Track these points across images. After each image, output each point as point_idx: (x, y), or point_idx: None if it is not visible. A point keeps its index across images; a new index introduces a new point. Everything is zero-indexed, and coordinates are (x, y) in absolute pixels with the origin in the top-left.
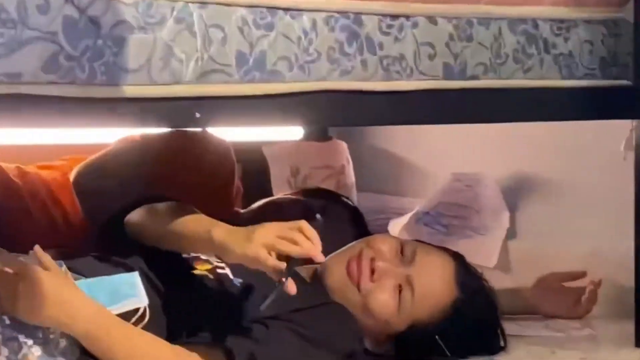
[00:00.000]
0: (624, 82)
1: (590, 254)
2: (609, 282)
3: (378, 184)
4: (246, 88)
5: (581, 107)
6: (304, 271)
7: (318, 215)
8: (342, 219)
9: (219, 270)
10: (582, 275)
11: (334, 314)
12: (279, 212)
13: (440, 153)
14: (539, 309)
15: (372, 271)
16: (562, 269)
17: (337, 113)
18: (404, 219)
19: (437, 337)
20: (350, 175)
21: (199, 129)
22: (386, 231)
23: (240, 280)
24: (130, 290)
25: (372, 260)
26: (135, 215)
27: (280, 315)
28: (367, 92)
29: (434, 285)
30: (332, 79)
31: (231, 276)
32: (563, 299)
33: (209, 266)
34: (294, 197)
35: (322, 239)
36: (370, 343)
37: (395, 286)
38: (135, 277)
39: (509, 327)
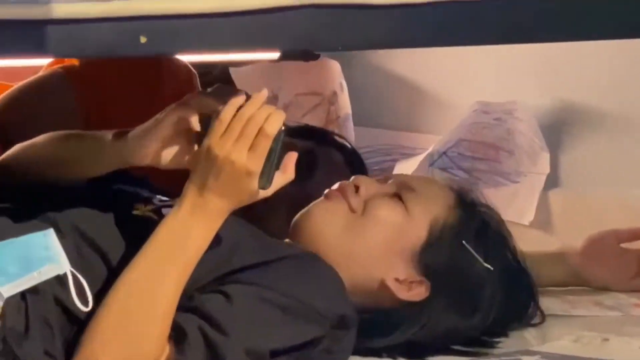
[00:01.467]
0: None
1: None
2: None
3: (381, 117)
4: (206, 3)
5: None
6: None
7: None
8: (335, 167)
9: (165, 210)
10: None
11: (310, 270)
12: None
13: (461, 76)
14: (589, 278)
15: (357, 189)
16: (619, 225)
17: (326, 34)
18: (414, 162)
19: (463, 242)
20: (345, 105)
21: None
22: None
23: None
24: (45, 253)
25: (352, 182)
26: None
27: (242, 278)
28: (365, 6)
29: (432, 187)
30: None
31: None
32: (620, 264)
33: (152, 206)
34: None
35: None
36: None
37: (392, 194)
38: (49, 237)
39: (551, 304)
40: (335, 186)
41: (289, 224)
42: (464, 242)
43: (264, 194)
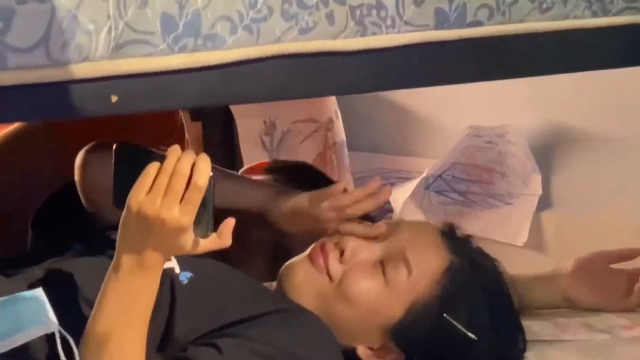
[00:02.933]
0: None
1: None
2: None
3: (375, 141)
4: (176, 60)
5: (621, 51)
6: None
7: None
8: None
9: None
10: (635, 254)
11: (299, 324)
12: None
13: (454, 100)
14: (580, 300)
15: (342, 253)
16: (610, 246)
17: (297, 84)
18: (410, 186)
19: (445, 315)
20: (340, 132)
21: None
22: (387, 202)
23: (189, 275)
24: (35, 312)
25: (338, 243)
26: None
27: (232, 332)
28: (337, 53)
29: (422, 250)
30: (288, 41)
31: (177, 270)
32: (610, 285)
33: None
34: (264, 179)
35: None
36: (366, 352)
37: (375, 262)
38: (38, 296)
39: (541, 329)
40: (320, 242)
41: (271, 267)
42: (445, 315)
43: (204, 243)
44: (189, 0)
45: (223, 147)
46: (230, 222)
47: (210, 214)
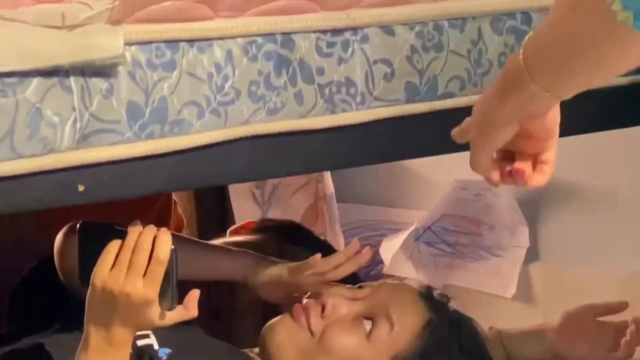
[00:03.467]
0: None
1: (632, 280)
2: None
3: (364, 193)
4: (143, 147)
5: (600, 114)
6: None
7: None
8: None
9: (140, 342)
10: (622, 307)
11: None
12: None
13: (441, 155)
14: (567, 354)
15: (323, 308)
16: (597, 298)
17: (268, 164)
18: (400, 238)
19: None
20: (329, 185)
21: None
22: (377, 253)
23: (168, 351)
24: None
25: (319, 299)
26: None
27: None
28: (306, 132)
29: (403, 307)
30: (256, 122)
31: (156, 346)
32: (597, 339)
33: None
34: (252, 240)
35: None
36: None
37: (356, 317)
38: None
39: None
40: (304, 301)
41: (257, 330)
42: None
43: (170, 315)
44: (155, 87)
45: (215, 202)
46: (194, 294)
47: (174, 286)
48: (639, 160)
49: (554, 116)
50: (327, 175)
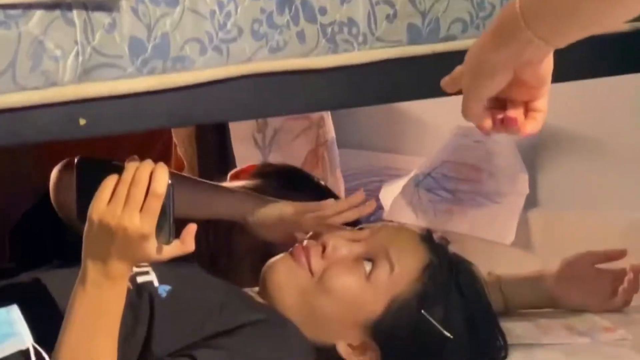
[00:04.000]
0: None
1: (630, 228)
2: None
3: (366, 139)
4: (144, 82)
5: (602, 61)
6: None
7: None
8: None
9: (140, 279)
10: (620, 255)
11: (277, 336)
12: None
13: (443, 100)
14: (565, 301)
15: (323, 249)
16: (597, 245)
17: (269, 102)
18: (400, 184)
19: (423, 312)
20: (330, 130)
21: None
22: (377, 199)
23: (168, 288)
24: (8, 328)
25: (320, 240)
26: None
27: (210, 344)
28: (308, 71)
29: (403, 248)
30: (258, 60)
31: (156, 283)
32: (596, 286)
33: None
34: (252, 185)
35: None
36: (346, 349)
37: (356, 258)
38: (12, 312)
39: (524, 331)
40: (304, 242)
41: (254, 274)
42: (423, 311)
43: (167, 250)
44: (158, 23)
45: (216, 146)
46: (192, 228)
47: (171, 221)
48: None
49: (548, 64)
50: (329, 120)
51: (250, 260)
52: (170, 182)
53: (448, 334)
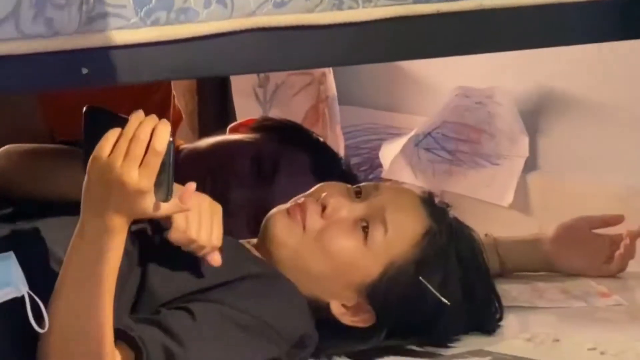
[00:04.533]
0: None
1: (629, 193)
2: None
3: (366, 96)
4: (147, 33)
5: (611, 24)
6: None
7: None
8: (300, 172)
9: (135, 226)
10: (618, 220)
11: (273, 291)
12: (226, 162)
13: (445, 60)
14: (561, 265)
15: (323, 209)
16: (594, 210)
17: (272, 57)
18: (400, 142)
19: (420, 277)
20: (332, 87)
21: None
22: (377, 157)
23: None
24: (4, 276)
25: (320, 199)
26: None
27: (206, 297)
28: (312, 27)
29: (401, 211)
30: (262, 14)
31: (149, 231)
32: (592, 251)
33: None
34: (250, 139)
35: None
36: (340, 309)
37: (355, 220)
38: (8, 260)
39: (520, 293)
40: (302, 198)
41: (249, 228)
42: (421, 278)
43: (165, 207)
44: None
45: (217, 99)
46: (191, 187)
47: (170, 178)
48: None
49: None
50: (330, 77)
51: (247, 212)
52: (171, 139)
53: (445, 301)
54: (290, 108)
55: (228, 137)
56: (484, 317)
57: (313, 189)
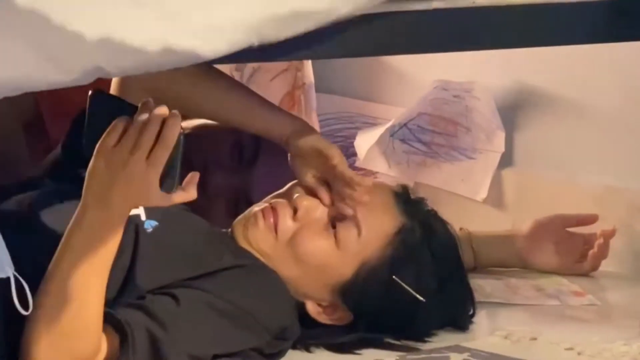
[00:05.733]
0: None
1: (604, 193)
2: (623, 230)
3: (344, 85)
4: None
5: (591, 27)
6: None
7: None
8: (279, 160)
9: None
10: (592, 220)
11: (259, 282)
12: (206, 147)
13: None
14: (535, 261)
15: (295, 211)
16: (568, 208)
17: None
18: (376, 132)
19: (394, 276)
20: (309, 74)
21: None
22: (351, 146)
23: (155, 224)
24: None
25: (292, 201)
26: None
27: (191, 284)
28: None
29: (374, 211)
30: None
31: (143, 217)
32: (566, 249)
33: None
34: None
35: (251, 186)
36: (316, 308)
37: (327, 222)
38: None
39: (494, 290)
40: (273, 198)
41: (229, 214)
42: (394, 277)
43: (170, 197)
44: None
45: None
46: (195, 176)
47: (178, 170)
48: (623, 75)
49: None
50: (308, 64)
51: (226, 199)
52: (182, 130)
53: (420, 298)
54: (266, 93)
55: (208, 122)
56: (458, 312)
57: (286, 187)
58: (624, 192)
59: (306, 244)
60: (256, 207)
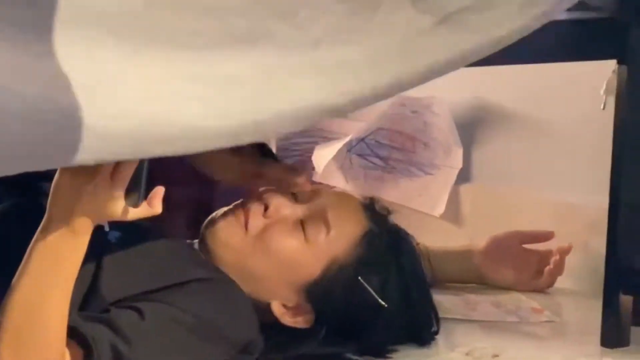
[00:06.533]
0: (603, 14)
1: (560, 210)
2: (580, 247)
3: None
4: None
5: (550, 47)
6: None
7: None
8: None
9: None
10: (548, 236)
11: (223, 296)
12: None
13: None
14: (492, 277)
15: (265, 208)
16: (526, 224)
17: None
18: (334, 146)
19: (359, 277)
20: None
21: None
22: (309, 160)
23: (118, 235)
24: None
25: (263, 199)
26: None
27: (156, 297)
28: None
29: (343, 212)
30: None
31: (107, 228)
32: (522, 265)
33: None
34: None
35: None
36: (280, 309)
37: (297, 220)
38: None
39: (452, 305)
40: (247, 204)
41: (193, 226)
42: (359, 278)
43: (135, 212)
44: None
45: None
46: (160, 191)
47: (143, 185)
48: (580, 92)
49: None
50: None
51: (187, 212)
52: None
53: (383, 303)
54: None
55: None
56: (421, 326)
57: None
58: (581, 208)
59: (276, 240)
60: (224, 208)
